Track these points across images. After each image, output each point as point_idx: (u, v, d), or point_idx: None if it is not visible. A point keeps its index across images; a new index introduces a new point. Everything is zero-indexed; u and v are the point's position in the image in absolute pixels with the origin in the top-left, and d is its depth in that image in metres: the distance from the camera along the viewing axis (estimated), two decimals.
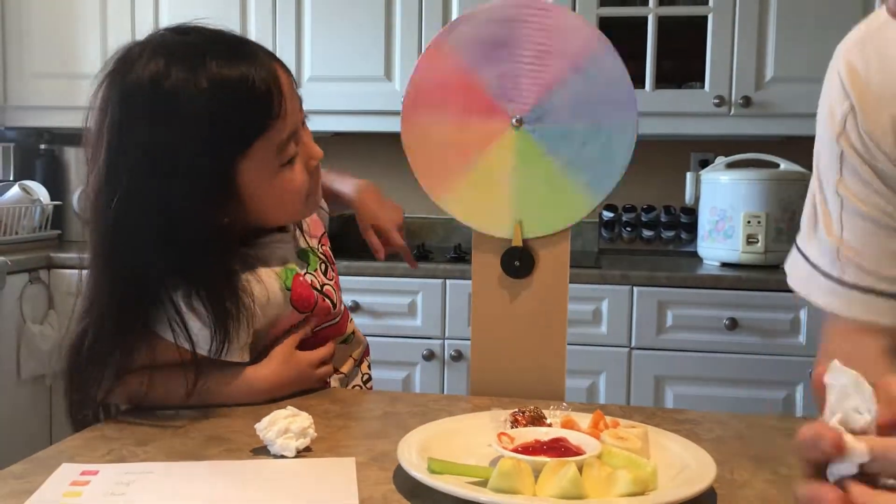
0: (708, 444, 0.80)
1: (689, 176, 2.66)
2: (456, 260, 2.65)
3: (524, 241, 1.05)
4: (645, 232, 2.97)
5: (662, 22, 2.61)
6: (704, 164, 2.84)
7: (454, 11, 2.67)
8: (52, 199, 2.93)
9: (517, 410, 0.84)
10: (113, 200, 0.92)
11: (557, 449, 0.73)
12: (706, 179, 2.62)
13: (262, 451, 0.82)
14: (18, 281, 2.56)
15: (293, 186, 1.01)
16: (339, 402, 1.02)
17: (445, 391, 2.51)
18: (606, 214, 2.98)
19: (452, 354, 2.51)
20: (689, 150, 2.96)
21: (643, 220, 2.97)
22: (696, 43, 2.61)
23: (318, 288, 1.07)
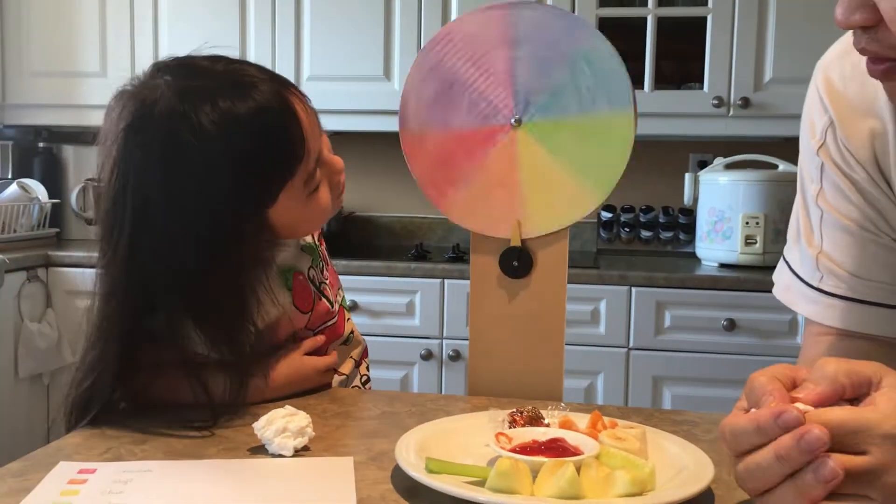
0: (706, 444, 0.80)
1: (687, 177, 2.66)
2: (454, 260, 2.65)
3: (522, 241, 1.05)
4: (643, 232, 2.97)
5: (661, 23, 2.61)
6: (703, 164, 2.84)
7: (454, 11, 2.67)
8: (50, 197, 2.93)
9: (515, 410, 0.84)
10: (138, 267, 0.90)
11: (555, 449, 0.73)
12: (705, 180, 2.62)
13: (259, 450, 0.82)
14: (16, 279, 2.56)
15: (321, 206, 1.01)
16: (337, 401, 1.02)
17: (443, 391, 2.51)
18: (605, 215, 2.98)
19: (450, 354, 2.51)
20: (687, 150, 2.96)
21: (641, 220, 2.97)
22: (695, 44, 2.61)
23: (316, 285, 1.07)
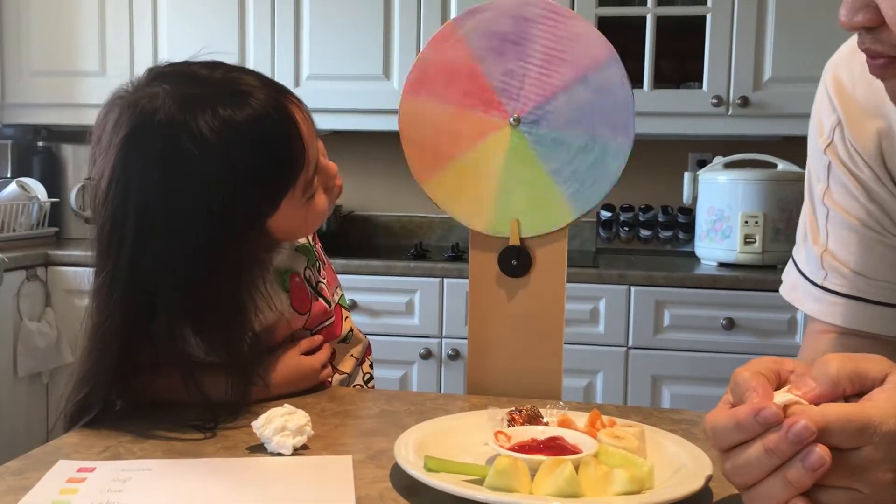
0: (704, 443, 0.80)
1: (686, 176, 2.66)
2: (453, 259, 2.65)
3: (521, 240, 1.05)
4: (642, 231, 2.98)
5: (661, 22, 2.61)
6: (702, 164, 2.84)
7: (453, 10, 2.67)
8: (49, 196, 2.93)
9: (514, 409, 0.84)
10: (138, 277, 0.89)
11: (554, 447, 0.73)
12: (704, 179, 2.62)
13: (258, 448, 0.82)
14: (16, 278, 2.56)
15: (317, 211, 1.01)
16: (336, 400, 1.02)
17: (443, 390, 2.51)
18: (604, 214, 2.98)
19: (450, 353, 2.51)
20: (686, 149, 2.96)
21: (641, 219, 2.97)
22: (694, 43, 2.61)
23: (312, 285, 1.07)
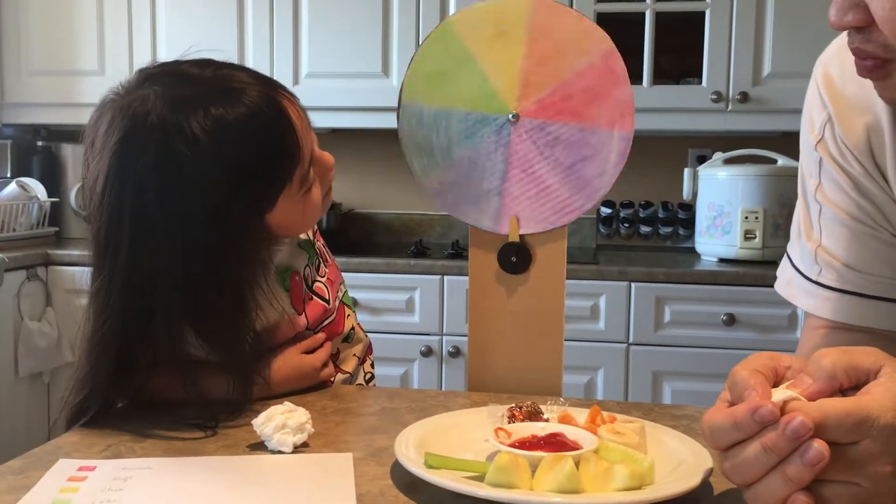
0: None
1: (686, 172, 2.66)
2: (453, 256, 2.65)
3: (521, 236, 1.05)
4: (642, 228, 2.97)
5: (660, 18, 2.61)
6: (702, 159, 2.84)
7: (451, 7, 2.67)
8: (49, 195, 2.93)
9: (514, 406, 0.84)
10: (136, 280, 0.89)
11: (554, 444, 0.73)
12: (704, 175, 2.62)
13: (259, 446, 0.82)
14: (16, 278, 2.56)
15: (314, 203, 1.01)
16: (336, 397, 1.02)
17: (443, 387, 2.51)
18: (604, 210, 2.98)
19: (450, 351, 2.51)
20: (686, 145, 2.96)
21: (641, 215, 2.97)
22: (693, 39, 2.61)
23: (308, 284, 1.07)
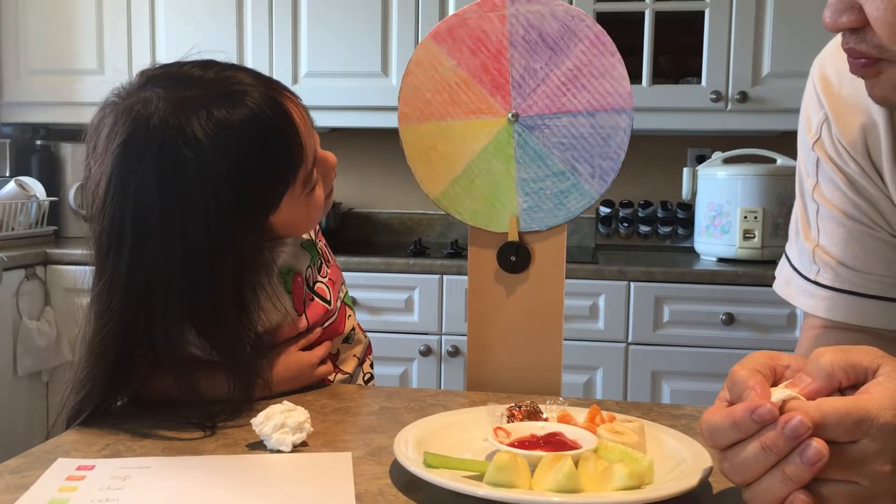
0: None
1: (685, 171, 2.66)
2: (453, 255, 2.65)
3: (520, 235, 1.05)
4: (642, 227, 2.97)
5: (659, 17, 2.61)
6: (701, 159, 2.84)
7: (451, 7, 2.67)
8: (48, 195, 2.93)
9: (513, 405, 0.84)
10: (138, 283, 0.88)
11: (554, 443, 0.73)
12: (703, 175, 2.62)
13: (258, 445, 0.82)
14: (15, 277, 2.56)
15: (317, 203, 1.01)
16: (335, 397, 1.02)
17: (442, 386, 2.51)
18: (603, 210, 2.98)
19: (449, 350, 2.51)
20: (685, 145, 2.96)
21: (640, 215, 2.97)
22: (692, 38, 2.61)
23: (309, 285, 1.07)
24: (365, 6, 2.73)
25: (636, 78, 2.57)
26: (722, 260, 2.57)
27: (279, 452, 0.80)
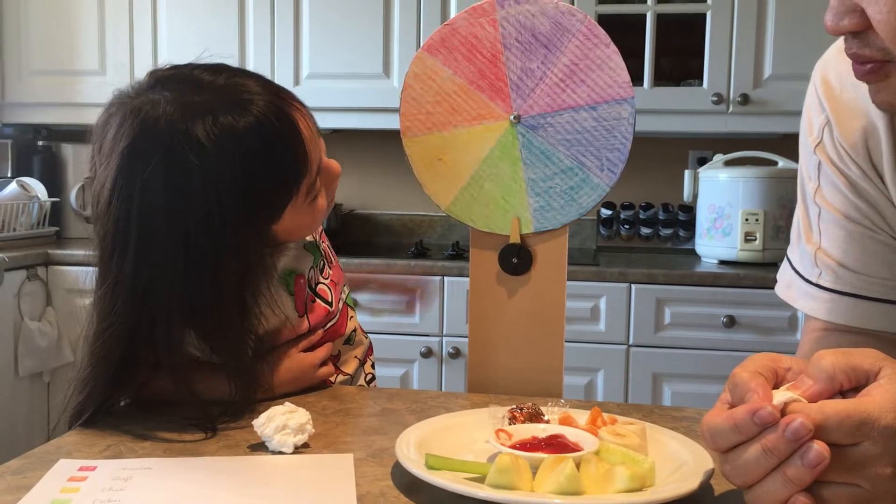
0: None
1: (687, 173, 2.66)
2: (454, 257, 2.65)
3: (522, 237, 1.05)
4: (643, 229, 2.97)
5: (661, 19, 2.61)
6: (702, 161, 2.84)
7: (453, 9, 2.67)
8: (49, 195, 2.93)
9: (515, 407, 0.84)
10: (141, 286, 0.88)
11: (555, 445, 0.73)
12: (704, 177, 2.62)
13: (259, 447, 0.82)
14: (16, 278, 2.56)
15: (320, 211, 1.02)
16: (337, 398, 1.02)
17: (443, 388, 2.51)
18: (605, 212, 2.98)
19: (450, 352, 2.51)
20: (687, 147, 2.96)
21: (641, 217, 2.97)
22: (694, 40, 2.61)
23: (312, 287, 1.07)
24: (367, 7, 2.73)
25: (637, 80, 2.57)
26: (723, 262, 2.57)
27: (281, 454, 0.80)
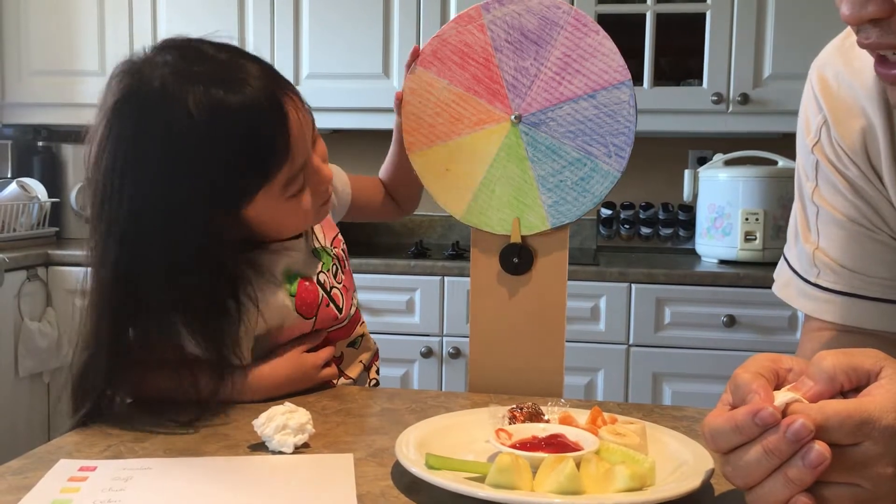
0: None
1: (687, 173, 2.66)
2: (454, 257, 2.65)
3: (523, 237, 1.05)
4: (643, 229, 2.97)
5: (660, 19, 2.61)
6: (702, 161, 2.84)
7: (452, 9, 2.67)
8: (49, 196, 2.93)
9: (515, 407, 0.84)
10: (119, 245, 0.91)
11: (555, 445, 0.73)
12: (704, 176, 2.62)
13: (259, 447, 0.82)
14: (16, 278, 2.56)
15: (300, 211, 1.00)
16: (337, 398, 1.02)
17: (444, 388, 2.51)
18: (605, 212, 2.98)
19: (451, 352, 2.51)
20: (687, 147, 2.96)
21: (641, 217, 2.97)
22: (694, 40, 2.61)
23: (326, 291, 1.07)
24: (366, 7, 2.73)
25: (637, 80, 2.57)
26: (723, 262, 2.57)
27: (281, 454, 0.80)
